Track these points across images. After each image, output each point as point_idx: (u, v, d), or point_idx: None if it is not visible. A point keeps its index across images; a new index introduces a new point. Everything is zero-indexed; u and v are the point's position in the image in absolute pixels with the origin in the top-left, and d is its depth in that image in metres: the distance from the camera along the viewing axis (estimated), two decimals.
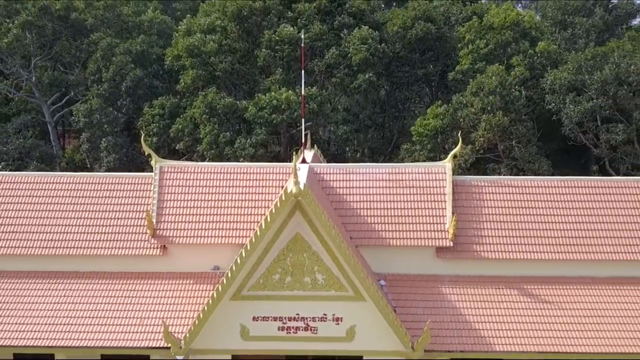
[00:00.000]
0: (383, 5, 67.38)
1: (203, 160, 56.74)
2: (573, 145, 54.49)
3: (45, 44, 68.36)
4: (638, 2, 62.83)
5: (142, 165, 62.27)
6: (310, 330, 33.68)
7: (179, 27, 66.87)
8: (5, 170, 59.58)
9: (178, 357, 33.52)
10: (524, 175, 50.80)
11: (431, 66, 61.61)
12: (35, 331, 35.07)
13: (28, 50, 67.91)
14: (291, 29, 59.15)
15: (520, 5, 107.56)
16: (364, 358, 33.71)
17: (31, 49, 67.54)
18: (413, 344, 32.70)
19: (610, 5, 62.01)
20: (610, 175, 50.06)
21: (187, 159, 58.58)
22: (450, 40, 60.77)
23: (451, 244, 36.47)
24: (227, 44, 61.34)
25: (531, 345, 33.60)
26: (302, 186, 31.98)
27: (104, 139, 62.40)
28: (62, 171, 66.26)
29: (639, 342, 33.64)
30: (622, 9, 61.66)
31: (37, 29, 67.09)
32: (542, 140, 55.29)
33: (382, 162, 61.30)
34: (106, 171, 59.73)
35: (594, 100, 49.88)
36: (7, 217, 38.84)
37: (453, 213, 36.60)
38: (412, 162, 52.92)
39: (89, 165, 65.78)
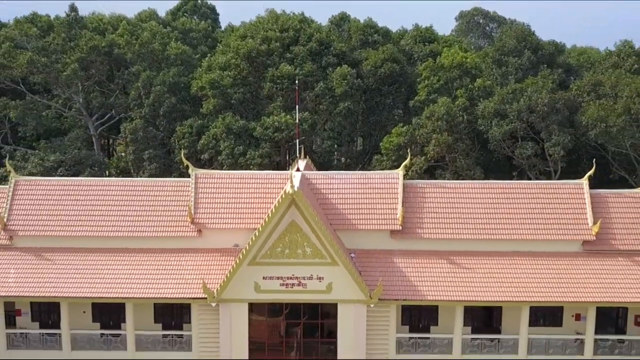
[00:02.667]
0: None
1: (222, 168, 62.36)
2: (505, 156, 60.53)
3: (92, 72, 73.11)
4: (562, 41, 70.53)
5: (174, 171, 67.20)
6: (302, 285, 41.27)
7: (202, 63, 71.22)
8: (64, 175, 63.94)
9: (212, 304, 41.16)
10: (464, 179, 56.69)
11: (402, 91, 66.24)
12: (109, 287, 42.34)
13: (80, 79, 72.79)
14: (289, 67, 64.70)
15: (488, 28, 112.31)
16: (339, 305, 41.28)
17: (82, 78, 72.66)
18: (371, 294, 40.76)
19: (538, 45, 66.51)
20: (529, 179, 57.31)
21: (213, 168, 63.22)
22: (412, 76, 66.64)
23: (400, 228, 44.08)
24: (239, 78, 66.45)
25: (452, 296, 41.70)
26: (296, 189, 39.79)
27: (146, 152, 67.08)
28: (110, 176, 72.44)
29: (523, 293, 41.80)
30: (546, 50, 66.31)
31: (87, 63, 72.20)
32: (482, 151, 60.99)
33: (359, 169, 66.69)
34: (149, 177, 64.68)
35: (513, 124, 56.49)
36: (88, 211, 45.55)
37: (402, 206, 44.28)
38: (381, 169, 59.26)
39: (132, 171, 70.77)
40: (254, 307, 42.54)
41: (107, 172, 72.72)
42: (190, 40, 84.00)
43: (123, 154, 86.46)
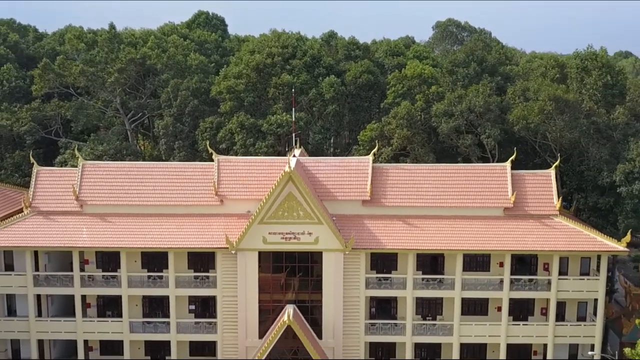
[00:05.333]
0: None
1: (237, 155, 66.13)
2: (452, 145, 65.50)
3: (125, 77, 77.48)
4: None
5: (197, 158, 70.18)
6: (296, 238, 48.90)
7: (219, 72, 75.64)
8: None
9: (232, 252, 48.79)
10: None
11: (376, 96, 71.72)
12: (155, 240, 50.17)
13: (120, 85, 77.48)
14: (288, 76, 69.89)
15: (460, 36, 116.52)
16: (323, 252, 49.27)
17: (121, 83, 77.37)
18: (346, 245, 48.63)
19: (483, 58, 70.62)
20: (471, 162, 62.63)
21: (230, 155, 66.01)
22: (383, 84, 71.79)
23: (369, 198, 51.71)
24: (250, 85, 71.12)
25: (406, 246, 49.74)
26: (292, 169, 47.50)
27: (176, 143, 72.02)
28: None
29: (458, 244, 49.72)
30: (488, 63, 70.67)
31: (124, 72, 77.07)
32: (435, 142, 66.09)
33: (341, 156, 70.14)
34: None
35: (457, 121, 62.47)
36: (138, 186, 53.08)
37: (371, 182, 52.05)
38: (358, 156, 62.26)
39: (164, 159, 74.02)
40: (262, 261, 49.73)
41: (141, 160, 76.97)
42: (204, 50, 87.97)
43: (142, 148, 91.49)
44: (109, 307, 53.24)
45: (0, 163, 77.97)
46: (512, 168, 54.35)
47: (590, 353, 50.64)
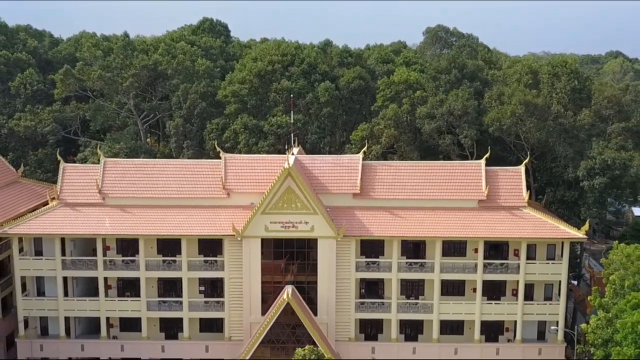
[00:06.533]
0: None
1: (241, 153, 68.48)
2: (434, 144, 68.32)
3: (140, 82, 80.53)
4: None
5: (204, 156, 72.13)
6: (295, 227, 52.05)
7: (225, 78, 78.35)
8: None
9: (238, 239, 51.80)
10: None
11: (367, 100, 74.75)
12: (169, 229, 53.18)
13: (133, 88, 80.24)
14: (287, 82, 72.88)
15: (449, 41, 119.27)
16: (318, 239, 52.36)
17: (134, 87, 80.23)
18: (338, 232, 51.89)
19: (464, 65, 73.47)
20: (451, 159, 65.46)
21: (234, 153, 68.02)
22: (373, 89, 74.81)
23: (359, 192, 54.82)
24: (252, 90, 74.20)
25: (391, 233, 52.78)
26: (291, 165, 50.70)
27: (185, 142, 74.77)
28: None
29: (438, 232, 52.73)
30: (468, 69, 73.61)
31: (138, 77, 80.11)
32: (419, 141, 69.05)
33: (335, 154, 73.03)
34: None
35: (438, 122, 65.94)
36: (154, 180, 55.96)
37: (361, 177, 55.12)
38: (350, 154, 65.99)
39: (174, 156, 75.85)
40: (264, 247, 52.77)
41: (154, 158, 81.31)
42: (210, 56, 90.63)
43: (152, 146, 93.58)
44: (128, 288, 56.42)
45: (25, 160, 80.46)
46: (490, 164, 57.30)
47: (552, 328, 54.55)
